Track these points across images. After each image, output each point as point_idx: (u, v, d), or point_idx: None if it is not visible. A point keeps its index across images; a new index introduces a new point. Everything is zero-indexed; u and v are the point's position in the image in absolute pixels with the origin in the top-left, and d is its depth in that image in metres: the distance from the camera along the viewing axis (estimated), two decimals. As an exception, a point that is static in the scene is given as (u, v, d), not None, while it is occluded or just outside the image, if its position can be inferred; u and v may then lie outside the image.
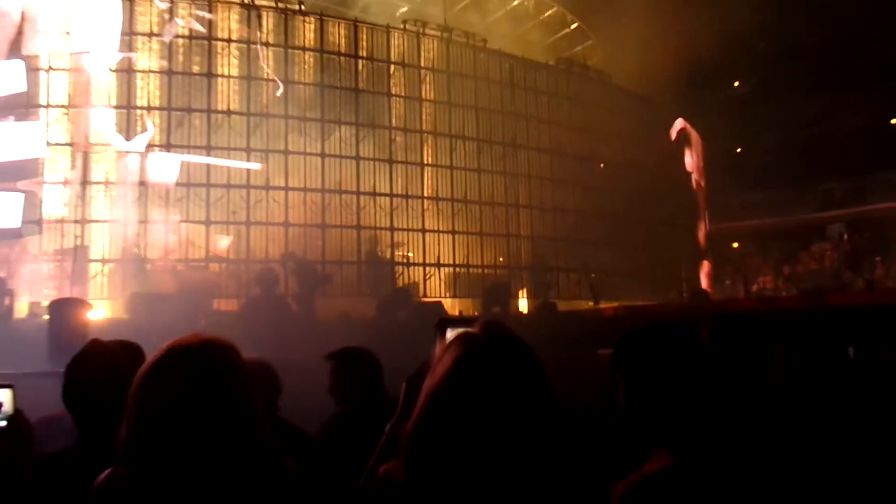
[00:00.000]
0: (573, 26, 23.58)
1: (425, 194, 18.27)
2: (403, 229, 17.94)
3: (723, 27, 21.57)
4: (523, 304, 18.64)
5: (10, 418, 2.56)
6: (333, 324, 12.84)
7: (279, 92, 16.84)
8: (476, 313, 15.23)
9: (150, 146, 16.08)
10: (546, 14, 23.16)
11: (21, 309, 13.94)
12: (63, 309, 11.02)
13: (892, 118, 28.18)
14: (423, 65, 18.66)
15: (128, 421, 1.72)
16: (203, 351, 1.77)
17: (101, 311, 14.17)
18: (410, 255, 17.97)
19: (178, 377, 1.72)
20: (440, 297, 17.91)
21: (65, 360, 2.62)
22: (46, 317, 11.47)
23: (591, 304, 17.80)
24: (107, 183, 15.95)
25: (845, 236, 27.13)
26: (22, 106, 15.85)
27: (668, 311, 15.91)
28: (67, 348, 2.82)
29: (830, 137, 27.96)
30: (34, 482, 2.21)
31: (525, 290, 18.97)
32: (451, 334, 1.84)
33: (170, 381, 1.72)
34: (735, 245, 30.03)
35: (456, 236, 18.50)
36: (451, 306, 17.40)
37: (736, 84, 30.24)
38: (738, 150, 29.93)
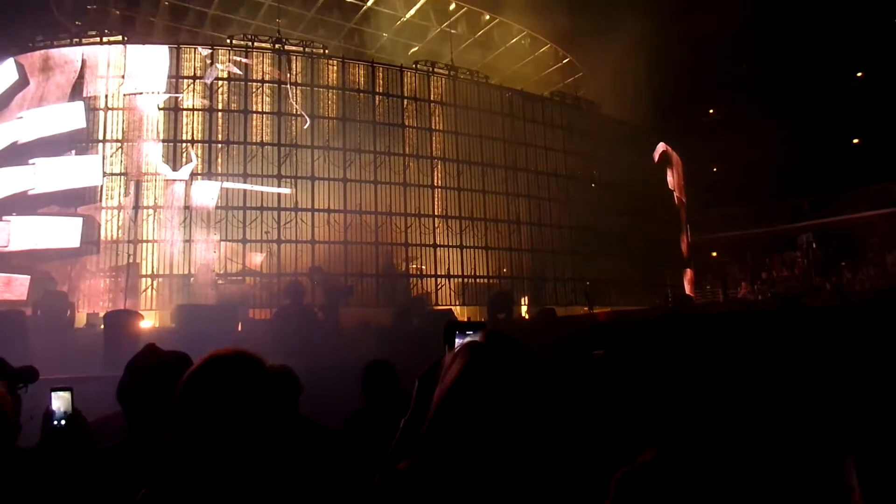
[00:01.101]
0: (565, 61, 23.74)
1: (436, 213, 18.30)
2: (416, 245, 17.95)
3: (697, 61, 21.63)
4: (525, 311, 18.59)
5: (69, 417, 2.68)
6: (355, 331, 12.79)
7: (306, 125, 17.02)
8: (483, 319, 15.20)
9: (193, 174, 16.31)
10: (540, 50, 23.34)
11: (80, 320, 14.12)
12: (117, 320, 11.12)
13: (853, 139, 28.12)
14: (432, 99, 18.79)
15: (174, 416, 1.76)
16: (235, 360, 1.82)
17: (150, 321, 14.30)
18: (423, 267, 18.00)
19: (217, 381, 1.77)
20: (450, 304, 17.92)
21: (118, 365, 2.60)
22: (102, 327, 11.59)
23: (586, 309, 17.77)
24: (156, 207, 16.15)
25: (814, 245, 26.97)
26: (82, 141, 16.16)
27: (656, 315, 15.84)
28: (121, 355, 2.82)
29: (798, 157, 27.93)
30: (91, 473, 2.25)
31: (526, 298, 18.90)
32: (458, 340, 1.84)
33: (209, 384, 1.76)
34: (714, 254, 29.99)
35: (464, 250, 18.50)
36: (461, 314, 17.42)
37: (710, 112, 30.29)
38: (714, 169, 29.94)
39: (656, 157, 22.63)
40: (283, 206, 16.78)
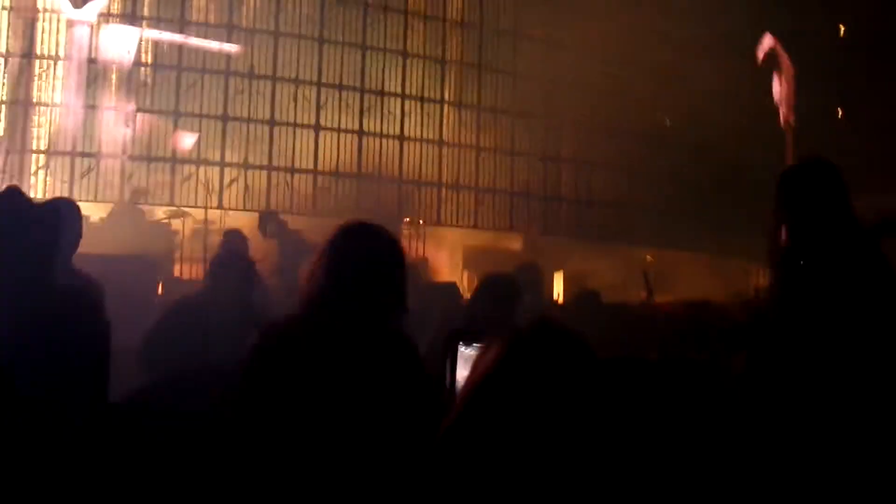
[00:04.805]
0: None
1: (446, 98, 14.94)
2: (416, 139, 14.56)
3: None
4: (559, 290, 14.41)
5: None
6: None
7: None
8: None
9: (104, 15, 13.11)
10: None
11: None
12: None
13: None
14: None
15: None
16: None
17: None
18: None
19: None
20: (458, 225, 14.77)
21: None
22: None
23: (643, 295, 13.69)
24: (55, 59, 13.13)
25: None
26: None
27: (737, 312, 11.69)
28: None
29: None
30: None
31: (562, 273, 14.80)
32: (462, 350, 1.77)
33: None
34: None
35: (481, 153, 15.08)
36: (468, 282, 13.51)
37: (841, 29, 25.17)
38: (840, 113, 24.90)
39: (760, 54, 18.17)
40: (234, 70, 13.59)
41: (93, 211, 11.67)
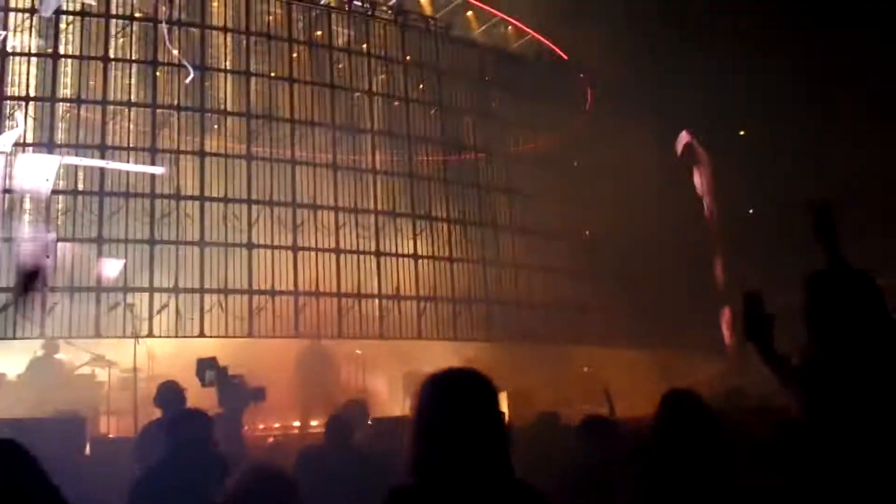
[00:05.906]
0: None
1: (378, 208, 14.93)
2: (352, 252, 14.40)
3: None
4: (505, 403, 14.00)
5: None
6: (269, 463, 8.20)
7: (189, 79, 13.59)
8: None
9: (20, 145, 12.74)
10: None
11: None
12: None
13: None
14: (372, 52, 15.56)
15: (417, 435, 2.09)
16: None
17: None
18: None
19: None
20: (402, 337, 14.39)
21: None
22: None
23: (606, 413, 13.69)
24: None
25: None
26: None
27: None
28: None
29: (860, 194, 24.18)
30: None
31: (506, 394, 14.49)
32: None
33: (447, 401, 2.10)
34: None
35: (419, 261, 15.02)
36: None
37: (741, 133, 26.75)
38: (750, 210, 26.19)
39: (678, 149, 18.94)
40: (159, 193, 13.32)
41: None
